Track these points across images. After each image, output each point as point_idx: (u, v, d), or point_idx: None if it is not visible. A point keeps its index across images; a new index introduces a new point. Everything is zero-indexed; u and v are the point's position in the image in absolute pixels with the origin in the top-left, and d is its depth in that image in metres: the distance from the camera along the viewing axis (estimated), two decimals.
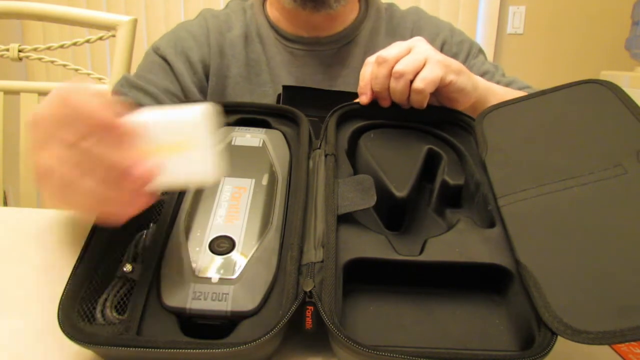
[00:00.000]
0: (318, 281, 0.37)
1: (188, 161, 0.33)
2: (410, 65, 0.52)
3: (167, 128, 0.33)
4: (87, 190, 0.31)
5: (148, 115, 0.33)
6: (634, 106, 0.46)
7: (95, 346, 0.34)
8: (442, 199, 0.50)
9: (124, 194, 0.32)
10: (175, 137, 0.33)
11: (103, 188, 0.32)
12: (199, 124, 0.33)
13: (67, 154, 0.31)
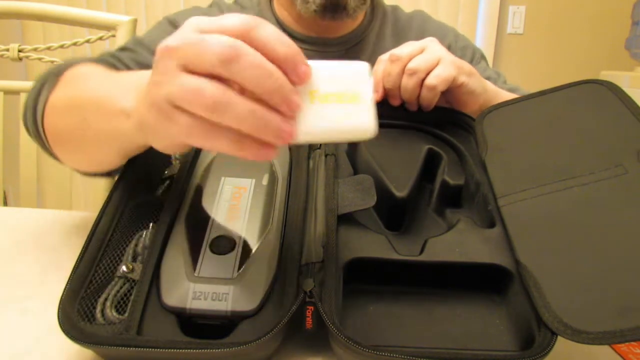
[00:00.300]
0: (318, 281, 0.37)
1: (351, 112, 0.32)
2: (423, 63, 0.52)
3: (332, 77, 0.32)
4: (244, 114, 0.28)
5: (315, 62, 0.32)
6: (634, 106, 0.46)
7: (95, 346, 0.34)
8: (442, 199, 0.50)
9: (278, 125, 0.29)
10: (339, 87, 0.32)
11: (262, 112, 0.28)
12: (365, 78, 0.32)
13: (228, 70, 0.28)
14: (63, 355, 0.38)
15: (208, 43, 0.28)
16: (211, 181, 0.46)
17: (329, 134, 0.32)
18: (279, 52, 0.29)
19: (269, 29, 0.29)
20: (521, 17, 2.16)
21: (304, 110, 0.31)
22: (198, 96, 0.28)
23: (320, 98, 0.31)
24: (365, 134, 0.33)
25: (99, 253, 0.40)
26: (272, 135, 0.29)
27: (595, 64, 2.10)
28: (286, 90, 0.29)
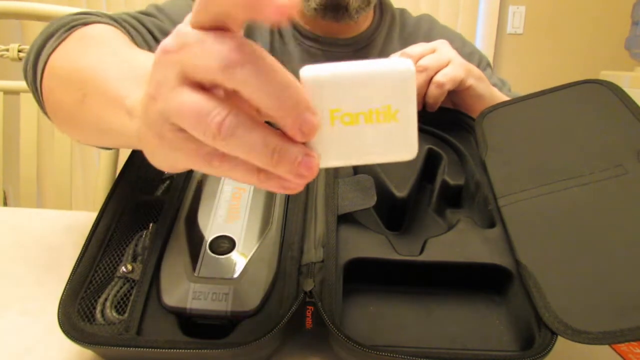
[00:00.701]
0: (318, 281, 0.37)
1: (386, 135, 0.25)
2: (434, 62, 0.53)
3: (362, 89, 0.24)
4: (253, 143, 0.23)
5: (333, 69, 0.24)
6: (634, 106, 0.46)
7: (95, 346, 0.34)
8: (442, 199, 0.50)
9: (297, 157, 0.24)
10: (372, 103, 0.24)
11: (276, 141, 0.23)
12: (407, 86, 0.25)
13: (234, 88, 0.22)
14: (63, 355, 0.38)
15: (210, 43, 0.22)
16: (211, 181, 0.46)
17: (354, 160, 0.26)
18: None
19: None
20: (521, 17, 2.16)
21: (323, 133, 0.24)
22: (198, 119, 0.23)
23: (342, 119, 0.24)
24: (404, 157, 0.26)
25: (99, 253, 0.40)
26: (287, 170, 0.23)
27: (595, 64, 2.10)
28: (300, 109, 0.23)
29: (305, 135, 0.23)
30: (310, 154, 0.24)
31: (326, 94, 0.24)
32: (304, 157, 0.23)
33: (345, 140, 0.25)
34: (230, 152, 0.23)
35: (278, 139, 0.23)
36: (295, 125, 0.23)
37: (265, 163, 0.23)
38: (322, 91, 0.24)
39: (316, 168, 0.24)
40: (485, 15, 2.14)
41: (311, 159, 0.24)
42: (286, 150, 0.23)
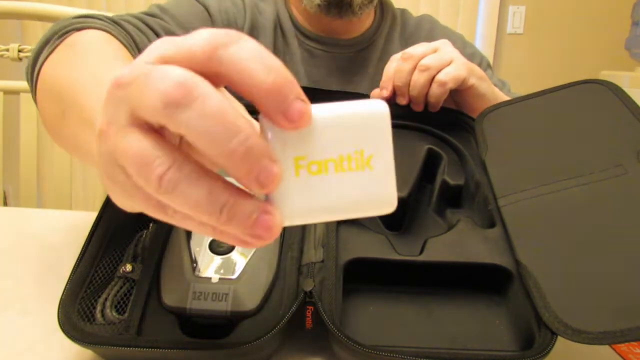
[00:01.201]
0: (318, 281, 0.37)
1: (360, 185, 0.22)
2: (436, 61, 0.53)
3: (331, 133, 0.21)
4: (197, 200, 0.20)
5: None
6: (634, 106, 0.46)
7: (95, 346, 0.34)
8: (442, 199, 0.50)
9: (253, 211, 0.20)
10: (345, 148, 0.21)
11: (224, 198, 0.20)
12: (382, 128, 0.22)
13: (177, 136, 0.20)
14: (63, 355, 0.38)
15: (154, 78, 0.19)
16: None
17: (325, 216, 0.22)
18: (258, 78, 0.19)
19: (248, 45, 0.20)
20: (521, 17, 2.16)
21: (287, 185, 0.21)
22: (140, 169, 0.20)
23: (309, 167, 0.21)
24: (381, 210, 0.22)
25: (99, 253, 0.40)
26: (240, 230, 0.20)
27: (595, 64, 2.10)
28: (258, 155, 0.19)
29: (263, 186, 0.20)
30: (268, 210, 0.20)
31: (289, 139, 0.21)
32: (260, 215, 0.20)
33: (313, 193, 0.21)
34: (175, 207, 0.20)
35: (229, 194, 0.20)
36: (251, 176, 0.19)
37: (214, 221, 0.20)
38: (284, 136, 0.21)
39: (276, 227, 0.20)
40: (485, 15, 2.13)
41: (269, 217, 0.20)
42: (238, 208, 0.20)
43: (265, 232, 0.20)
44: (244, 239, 0.21)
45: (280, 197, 0.21)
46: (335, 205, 0.22)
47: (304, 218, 0.22)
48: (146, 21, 0.61)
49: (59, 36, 0.46)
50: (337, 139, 0.21)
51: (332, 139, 0.21)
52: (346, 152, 0.21)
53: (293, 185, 0.21)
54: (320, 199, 0.21)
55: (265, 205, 0.20)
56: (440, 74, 0.53)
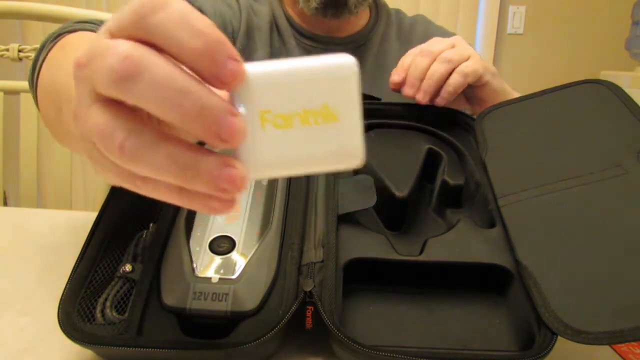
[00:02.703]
0: (318, 281, 0.37)
1: (326, 137, 0.22)
2: (457, 55, 0.54)
3: (296, 87, 0.21)
4: (159, 162, 0.20)
5: (263, 66, 0.21)
6: (634, 106, 0.46)
7: (95, 346, 0.34)
8: (442, 199, 0.50)
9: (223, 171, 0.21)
10: (307, 102, 0.21)
11: (185, 156, 0.20)
12: (352, 81, 0.22)
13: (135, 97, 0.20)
14: (63, 355, 0.38)
15: (100, 55, 0.20)
16: None
17: (292, 169, 0.22)
18: (186, 45, 0.20)
19: (169, 12, 0.20)
20: (521, 17, 2.16)
21: (253, 139, 0.21)
22: (103, 141, 0.21)
23: (274, 122, 0.21)
24: (346, 163, 0.23)
25: (99, 253, 0.40)
26: (205, 186, 0.21)
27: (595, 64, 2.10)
28: (214, 112, 0.20)
29: (226, 141, 0.20)
30: (230, 164, 0.21)
31: (254, 93, 0.21)
32: (222, 169, 0.20)
33: (278, 147, 0.22)
34: (141, 174, 0.21)
35: (189, 153, 0.20)
36: (211, 133, 0.20)
37: (180, 181, 0.21)
38: (249, 90, 0.21)
39: (240, 180, 0.21)
40: (485, 15, 2.13)
41: (231, 170, 0.21)
42: (200, 164, 0.20)
43: (229, 185, 0.20)
44: (212, 197, 0.21)
45: (247, 151, 0.21)
46: (300, 158, 0.22)
47: (270, 171, 0.22)
48: None
49: (52, 40, 0.47)
50: (302, 93, 0.21)
51: (297, 93, 0.21)
52: (311, 106, 0.21)
53: (259, 139, 0.21)
54: (286, 152, 0.22)
55: (227, 159, 0.21)
56: (462, 66, 0.54)
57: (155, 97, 0.19)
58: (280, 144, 0.22)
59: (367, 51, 0.80)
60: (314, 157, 0.22)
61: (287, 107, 0.21)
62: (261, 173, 0.22)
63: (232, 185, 0.21)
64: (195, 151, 0.20)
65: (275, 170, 0.22)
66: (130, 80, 0.19)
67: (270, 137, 0.21)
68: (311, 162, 0.22)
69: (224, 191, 0.21)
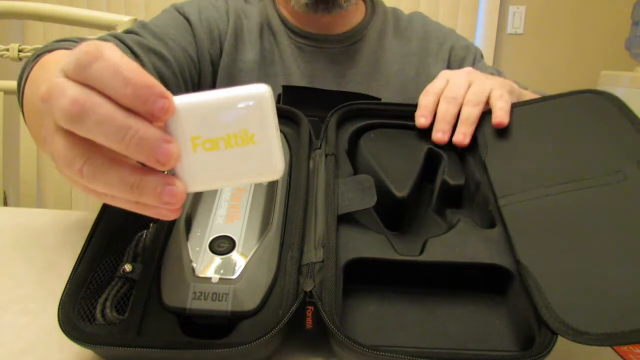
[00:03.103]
0: (318, 281, 0.37)
1: (246, 157, 0.26)
2: (482, 94, 0.54)
3: (217, 116, 0.26)
4: (113, 183, 0.25)
5: (192, 98, 0.26)
6: (633, 118, 0.47)
7: (95, 346, 0.34)
8: (442, 199, 0.50)
9: (160, 193, 0.25)
10: (228, 129, 0.26)
11: (134, 178, 0.25)
12: (264, 109, 0.26)
13: (85, 133, 0.24)
14: (63, 355, 0.38)
15: (55, 96, 0.24)
16: None
17: (221, 183, 0.27)
18: (119, 91, 0.24)
19: (103, 64, 0.24)
20: (521, 17, 2.16)
21: (187, 160, 0.26)
22: (65, 165, 0.25)
23: (204, 145, 0.26)
24: (268, 177, 0.27)
25: (99, 253, 0.40)
26: (152, 201, 0.25)
27: (595, 64, 2.10)
28: (151, 142, 0.24)
29: (163, 164, 0.25)
30: (170, 182, 0.25)
31: (185, 122, 0.26)
32: (164, 187, 0.25)
33: (209, 166, 0.26)
34: (100, 191, 0.26)
35: (135, 174, 0.25)
36: (151, 158, 0.24)
37: (130, 197, 0.25)
38: (181, 120, 0.26)
39: (180, 195, 0.25)
40: (485, 15, 2.13)
41: (172, 187, 0.25)
42: (145, 184, 0.25)
43: (171, 199, 0.25)
44: (159, 207, 0.26)
45: (183, 170, 0.26)
46: (227, 175, 0.27)
47: (204, 185, 0.27)
48: (121, 38, 0.64)
49: (32, 59, 0.49)
50: (224, 121, 0.26)
51: (220, 121, 0.26)
52: (232, 131, 0.26)
53: (192, 160, 0.26)
54: (214, 170, 0.26)
55: (167, 178, 0.25)
56: (499, 116, 0.52)
57: (100, 132, 0.24)
58: (209, 163, 0.26)
59: (362, 46, 0.80)
60: (239, 174, 0.27)
61: (212, 132, 0.26)
62: (197, 188, 0.27)
63: (173, 199, 0.25)
64: (141, 172, 0.25)
65: (208, 185, 0.27)
66: (78, 119, 0.23)
67: (201, 158, 0.26)
68: (237, 177, 0.27)
69: (168, 204, 0.25)
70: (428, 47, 0.82)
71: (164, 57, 0.66)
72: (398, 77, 0.80)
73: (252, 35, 0.77)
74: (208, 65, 0.74)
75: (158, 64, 0.65)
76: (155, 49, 0.65)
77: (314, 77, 0.78)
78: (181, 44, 0.70)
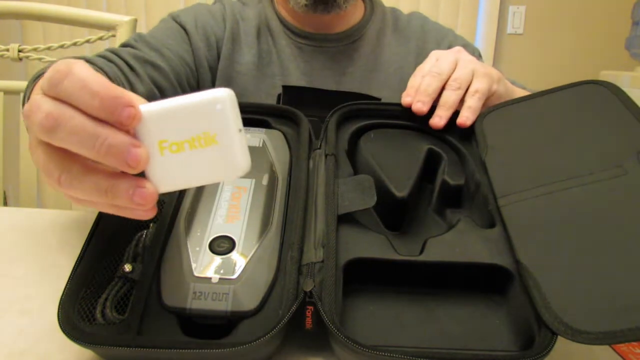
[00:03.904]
0: (318, 281, 0.37)
1: (210, 158, 0.28)
2: (464, 81, 0.55)
3: (181, 121, 0.27)
4: (89, 190, 0.27)
5: (157, 105, 0.28)
6: (634, 107, 0.46)
7: (95, 346, 0.34)
8: (442, 199, 0.50)
9: (132, 194, 0.27)
10: (191, 132, 0.27)
11: (107, 183, 0.27)
12: (223, 111, 0.27)
13: (61, 141, 0.26)
14: (63, 355, 0.38)
15: (33, 112, 0.26)
16: None
17: (189, 183, 0.29)
18: (88, 104, 0.26)
19: (72, 79, 0.26)
20: (521, 17, 2.16)
21: (156, 163, 0.28)
22: (46, 175, 0.28)
23: (170, 148, 0.28)
24: (232, 175, 0.28)
25: (99, 253, 0.40)
26: (125, 203, 0.27)
27: (595, 64, 2.10)
28: (120, 148, 0.26)
29: (133, 168, 0.27)
30: (141, 185, 0.27)
31: (152, 128, 0.27)
32: (135, 189, 0.27)
33: (176, 167, 0.28)
34: (78, 197, 0.28)
35: (108, 180, 0.27)
36: (121, 163, 0.26)
37: (106, 201, 0.27)
38: (148, 126, 0.27)
39: (151, 196, 0.27)
40: (485, 15, 2.13)
41: (143, 190, 0.27)
42: (117, 188, 0.27)
43: (142, 200, 0.27)
44: (134, 208, 0.28)
45: (153, 173, 0.28)
46: (194, 175, 0.28)
47: (173, 185, 0.29)
48: (117, 52, 0.66)
49: (33, 80, 0.51)
50: (187, 124, 0.27)
51: (183, 125, 0.27)
52: (196, 133, 0.27)
53: (160, 162, 0.28)
54: (182, 171, 0.28)
55: (138, 181, 0.27)
56: (472, 90, 0.55)
57: (73, 142, 0.26)
58: (176, 165, 0.28)
59: (361, 45, 0.81)
60: (205, 173, 0.28)
61: (178, 136, 0.27)
62: (167, 188, 0.28)
63: (144, 200, 0.27)
64: (114, 177, 0.27)
65: (177, 185, 0.29)
66: (52, 131, 0.26)
67: (168, 160, 0.28)
68: (203, 177, 0.29)
69: (141, 205, 0.27)
70: (426, 45, 0.82)
71: (159, 67, 0.67)
72: (397, 76, 0.80)
73: (249, 37, 0.78)
74: (206, 71, 0.75)
75: (154, 75, 0.67)
76: (150, 60, 0.67)
77: (313, 75, 0.78)
78: (178, 53, 0.72)
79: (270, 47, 0.79)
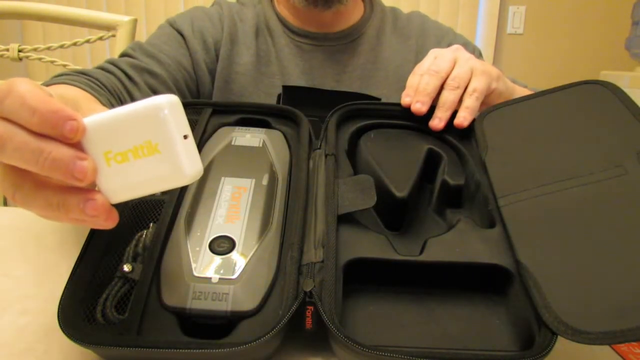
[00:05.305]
0: (318, 281, 0.37)
1: (154, 166, 0.28)
2: (463, 80, 0.55)
3: (124, 131, 0.27)
4: (41, 204, 0.28)
5: (101, 116, 0.28)
6: (634, 107, 0.46)
7: (96, 346, 0.34)
8: (442, 199, 0.50)
9: (84, 208, 0.28)
10: (134, 141, 0.27)
11: (57, 197, 0.28)
12: (164, 119, 0.27)
13: (10, 155, 0.27)
14: (63, 355, 0.38)
15: None
16: (211, 181, 0.46)
17: (138, 192, 0.29)
18: (28, 120, 0.26)
19: (12, 97, 0.26)
20: (521, 17, 2.16)
21: (104, 174, 0.28)
22: (5, 193, 0.28)
23: (115, 158, 0.28)
24: (179, 182, 0.28)
25: (98, 253, 0.40)
26: (78, 216, 0.28)
27: (595, 64, 2.10)
28: (64, 161, 0.26)
29: (81, 180, 0.27)
30: (91, 197, 0.28)
31: (96, 139, 0.28)
32: (86, 202, 0.28)
33: (123, 177, 0.28)
34: (36, 213, 0.29)
35: (58, 195, 0.27)
36: (68, 176, 0.26)
37: (60, 215, 0.28)
38: (92, 138, 0.28)
39: (102, 207, 0.28)
40: (485, 15, 2.14)
41: (93, 202, 0.28)
42: (68, 202, 0.27)
43: (94, 212, 0.28)
44: (90, 220, 0.28)
45: (102, 184, 0.28)
46: (140, 183, 0.28)
47: (123, 195, 0.29)
48: (116, 63, 0.67)
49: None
50: (129, 134, 0.27)
51: (125, 135, 0.27)
52: (138, 143, 0.27)
53: (107, 173, 0.28)
54: (128, 180, 0.28)
55: (88, 194, 0.28)
56: (470, 89, 0.54)
57: (18, 158, 0.26)
58: (123, 175, 0.28)
59: (361, 44, 0.81)
60: (151, 182, 0.28)
61: (121, 146, 0.28)
62: (118, 198, 0.29)
63: (96, 212, 0.28)
64: (64, 192, 0.28)
65: (127, 194, 0.29)
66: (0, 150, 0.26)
67: (115, 171, 0.28)
68: (150, 185, 0.29)
69: (95, 217, 0.28)
70: (426, 44, 0.82)
71: (156, 74, 0.68)
72: (397, 74, 0.80)
73: (247, 38, 0.78)
74: (205, 74, 0.76)
75: (151, 82, 0.68)
76: (147, 68, 0.68)
77: (312, 74, 0.79)
78: (175, 58, 0.72)
79: (269, 47, 0.79)
